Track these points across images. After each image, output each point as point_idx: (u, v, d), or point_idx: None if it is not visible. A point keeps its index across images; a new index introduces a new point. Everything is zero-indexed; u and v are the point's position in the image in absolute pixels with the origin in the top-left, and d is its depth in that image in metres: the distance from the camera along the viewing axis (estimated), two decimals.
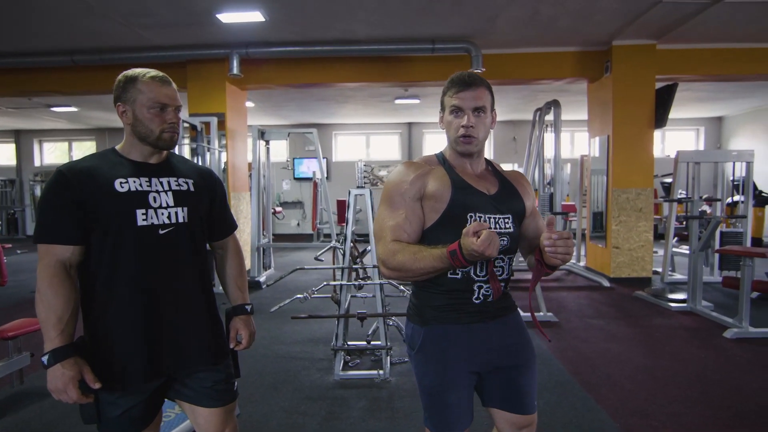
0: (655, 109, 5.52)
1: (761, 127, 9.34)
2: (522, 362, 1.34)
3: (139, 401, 1.25)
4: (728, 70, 5.63)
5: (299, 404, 2.66)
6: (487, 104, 1.27)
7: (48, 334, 1.14)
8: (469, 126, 1.26)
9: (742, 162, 5.41)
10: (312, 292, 3.05)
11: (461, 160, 1.34)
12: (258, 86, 6.29)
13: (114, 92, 1.29)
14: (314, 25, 4.90)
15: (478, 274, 1.26)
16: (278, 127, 10.80)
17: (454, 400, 1.28)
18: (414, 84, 6.48)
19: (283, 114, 9.83)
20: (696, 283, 4.34)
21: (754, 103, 9.00)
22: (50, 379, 1.14)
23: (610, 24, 4.91)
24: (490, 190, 1.32)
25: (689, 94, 7.68)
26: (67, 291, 1.17)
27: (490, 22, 4.84)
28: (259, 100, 8.24)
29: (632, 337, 3.72)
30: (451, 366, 1.28)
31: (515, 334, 1.35)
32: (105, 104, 8.50)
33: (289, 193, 11.24)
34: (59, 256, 1.18)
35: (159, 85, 1.27)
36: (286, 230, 11.01)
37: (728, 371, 3.03)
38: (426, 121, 10.89)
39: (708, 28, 4.96)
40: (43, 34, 5.01)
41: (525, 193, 1.39)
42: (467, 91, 1.25)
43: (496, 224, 1.27)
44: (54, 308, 1.15)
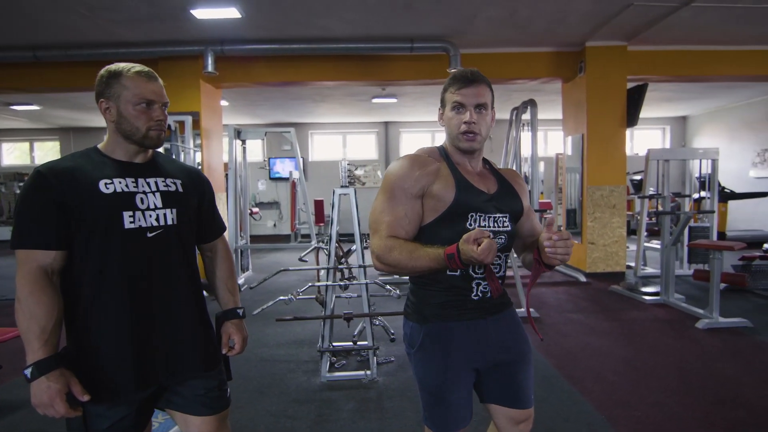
0: (627, 109, 5.70)
1: (722, 126, 9.78)
2: (519, 357, 1.36)
3: (128, 412, 1.20)
4: (694, 71, 5.87)
5: (287, 408, 2.61)
6: (488, 101, 1.27)
7: (31, 346, 1.07)
8: (472, 122, 1.25)
9: (708, 159, 5.64)
10: (297, 294, 3.00)
11: (462, 157, 1.33)
12: (233, 84, 6.16)
13: (96, 88, 1.21)
14: (292, 22, 4.83)
15: (476, 272, 1.27)
16: (254, 126, 10.61)
17: (455, 399, 1.28)
18: (392, 83, 6.48)
19: (258, 113, 9.65)
20: (668, 277, 4.50)
21: (716, 103, 9.42)
22: (35, 393, 1.07)
23: (583, 25, 5.04)
24: (490, 189, 1.32)
25: (656, 94, 7.96)
26: (49, 299, 1.10)
27: (468, 22, 4.88)
28: (234, 99, 8.07)
29: (611, 330, 3.82)
30: (451, 364, 1.27)
31: (512, 329, 1.36)
32: (70, 102, 8.13)
33: (265, 193, 11.06)
34: (40, 262, 1.11)
35: (145, 81, 1.21)
36: (262, 231, 10.82)
37: (703, 360, 3.15)
38: (403, 120, 10.91)
39: (676, 31, 5.15)
40: (1, 27, 4.75)
41: (521, 192, 1.40)
42: (469, 88, 1.25)
43: (495, 223, 1.28)
44: (36, 317, 1.07)
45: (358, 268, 3.19)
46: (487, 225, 1.27)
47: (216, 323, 1.42)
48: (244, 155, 6.40)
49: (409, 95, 8.00)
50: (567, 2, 4.39)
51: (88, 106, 8.50)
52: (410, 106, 9.10)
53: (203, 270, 1.50)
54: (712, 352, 3.30)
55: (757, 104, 8.85)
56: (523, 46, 5.69)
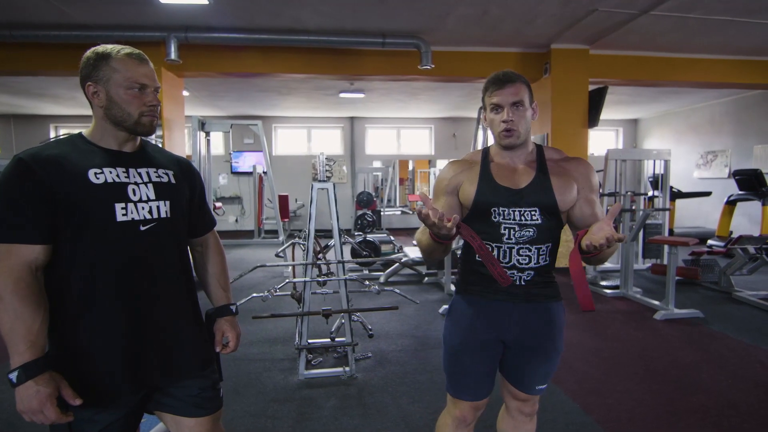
0: (588, 110, 5.94)
1: (670, 129, 10.41)
2: (538, 346, 1.42)
3: (119, 416, 1.13)
4: (649, 76, 6.20)
5: (266, 407, 2.55)
6: (524, 98, 1.34)
7: (16, 348, 0.99)
8: (509, 120, 1.33)
9: (661, 160, 5.98)
10: (275, 291, 2.92)
11: (504, 153, 1.42)
12: (197, 74, 5.90)
13: (82, 71, 1.14)
14: (261, 11, 4.68)
15: (501, 261, 1.37)
16: (216, 118, 10.23)
17: (469, 363, 1.43)
18: (362, 78, 6.43)
19: (220, 105, 9.32)
20: (627, 271, 4.74)
21: (665, 107, 10.01)
22: (21, 399, 0.99)
23: (550, 27, 5.19)
24: (519, 184, 1.38)
25: (612, 97, 8.33)
26: (35, 297, 1.02)
27: (440, 19, 4.91)
28: (195, 89, 7.73)
29: (578, 322, 3.98)
30: (469, 328, 1.43)
31: (542, 322, 1.41)
32: (12, 87, 7.52)
33: (227, 187, 10.72)
34: (23, 257, 1.02)
35: (137, 64, 1.14)
36: (225, 227, 10.48)
37: (663, 349, 3.34)
38: (369, 116, 10.87)
39: (635, 37, 5.41)
40: None
41: (564, 184, 1.37)
42: (504, 89, 1.33)
43: (521, 216, 1.35)
44: (22, 317, 0.99)
45: (337, 263, 3.15)
46: (512, 218, 1.36)
47: (206, 320, 1.36)
48: (208, 148, 6.17)
49: (377, 90, 7.97)
50: (537, 4, 4.51)
51: (34, 92, 7.90)
52: (377, 102, 9.08)
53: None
54: (671, 341, 3.51)
55: (701, 109, 9.48)
56: (493, 45, 5.80)
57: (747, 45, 5.72)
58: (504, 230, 1.37)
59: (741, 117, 8.59)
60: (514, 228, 1.36)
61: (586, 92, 5.93)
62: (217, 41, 5.26)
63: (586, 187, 1.39)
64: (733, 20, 4.80)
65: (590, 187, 1.40)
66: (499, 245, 1.37)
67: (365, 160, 10.94)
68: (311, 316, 3.04)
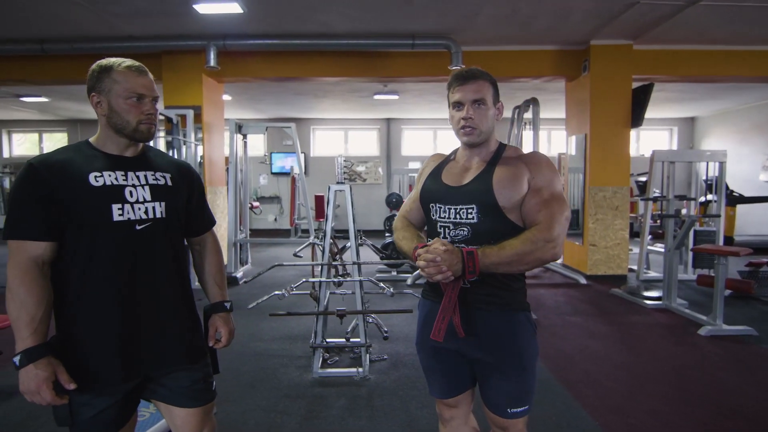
0: (632, 109, 5.62)
1: (731, 128, 9.63)
2: (492, 361, 1.32)
3: (113, 402, 1.21)
4: (702, 71, 5.76)
5: (277, 403, 2.60)
6: (487, 96, 1.31)
7: (20, 334, 1.10)
8: (468, 117, 1.31)
9: (716, 162, 5.54)
10: (291, 289, 2.98)
11: (466, 152, 1.40)
12: (235, 79, 6.14)
13: (87, 82, 1.24)
14: (292, 17, 4.80)
15: None
16: (255, 120, 10.59)
17: (427, 362, 1.46)
18: (393, 80, 6.44)
19: (260, 108, 9.65)
20: (671, 281, 4.43)
21: (725, 105, 9.27)
22: (22, 381, 1.09)
23: (587, 24, 4.96)
24: (462, 181, 1.35)
25: (663, 94, 7.85)
26: (39, 289, 1.13)
27: (470, 19, 4.82)
28: (236, 93, 8.06)
29: (610, 334, 3.76)
30: (421, 331, 1.44)
31: (491, 333, 1.31)
32: (77, 95, 8.18)
33: (267, 188, 11.07)
34: (31, 252, 1.14)
35: (135, 75, 1.22)
36: (263, 225, 10.83)
37: (704, 368, 3.08)
38: (405, 117, 10.86)
39: (683, 30, 5.05)
40: (10, 20, 4.77)
41: (509, 179, 1.28)
42: (465, 85, 1.31)
43: (456, 215, 1.32)
44: (26, 307, 1.10)
45: (353, 264, 3.16)
46: (447, 216, 1.34)
47: (204, 316, 1.43)
48: (245, 149, 6.39)
49: (411, 92, 7.95)
50: (569, 0, 4.32)
51: None
52: (412, 103, 9.05)
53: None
54: (714, 360, 3.23)
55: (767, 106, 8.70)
56: (526, 44, 5.62)
57: None
58: (440, 228, 1.34)
59: None
60: (448, 226, 1.33)
61: (628, 90, 5.60)
62: (252, 47, 5.45)
63: (535, 176, 1.28)
64: None
65: (540, 177, 1.28)
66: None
67: (401, 161, 10.93)
68: (328, 315, 3.07)
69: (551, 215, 1.25)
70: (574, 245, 6.19)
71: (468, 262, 1.19)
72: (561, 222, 1.24)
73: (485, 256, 1.20)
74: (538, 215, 1.26)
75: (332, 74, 5.94)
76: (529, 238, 1.22)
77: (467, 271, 1.19)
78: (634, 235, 7.31)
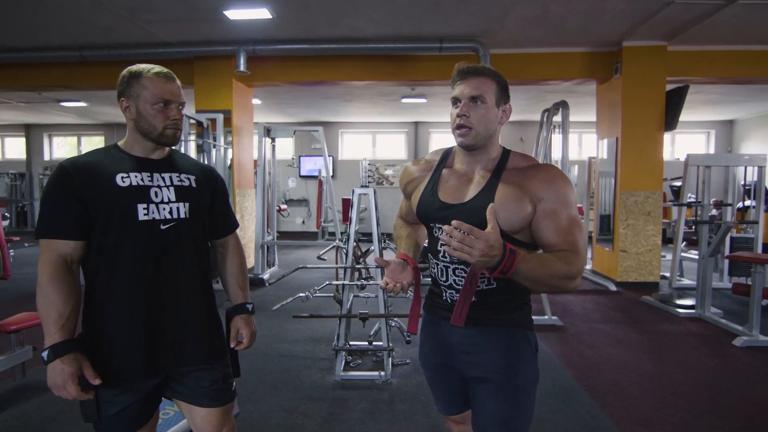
0: (666, 112, 5.44)
1: None
2: (484, 376, 1.22)
3: (135, 399, 1.25)
4: (740, 72, 5.53)
5: (299, 404, 2.64)
6: (487, 94, 1.18)
7: (48, 330, 1.14)
8: (462, 114, 1.18)
9: (754, 166, 5.31)
10: (314, 292, 3.03)
11: (461, 155, 1.29)
12: (265, 83, 6.28)
13: (118, 87, 1.29)
14: (320, 22, 4.87)
15: (440, 279, 1.27)
16: (284, 124, 10.79)
17: (429, 377, 1.40)
18: (421, 83, 6.43)
19: (289, 111, 9.82)
20: (705, 289, 4.26)
21: (766, 107, 8.85)
22: (50, 375, 1.13)
23: (619, 24, 4.84)
24: (463, 197, 1.21)
25: (700, 96, 7.57)
26: (67, 287, 1.17)
27: (498, 22, 4.78)
28: (266, 98, 8.23)
29: (639, 343, 3.65)
30: (422, 346, 1.39)
31: (490, 348, 1.21)
32: (113, 100, 8.37)
33: (295, 190, 11.24)
34: (60, 251, 1.18)
35: (163, 81, 1.26)
36: (291, 228, 11.01)
37: (738, 380, 2.96)
38: (432, 121, 10.84)
39: (720, 30, 4.87)
40: (51, 28, 5.03)
41: (513, 198, 1.15)
42: (465, 80, 1.20)
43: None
44: (54, 304, 1.14)
45: (376, 268, 3.19)
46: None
47: (226, 318, 1.45)
48: (273, 153, 6.52)
49: (439, 95, 7.93)
50: (602, 0, 4.23)
51: None
52: (440, 107, 9.02)
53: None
54: (749, 372, 3.10)
55: None
56: (556, 45, 5.53)
57: None
58: (440, 247, 1.20)
59: None
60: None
61: (662, 92, 5.43)
62: (281, 52, 5.56)
63: (546, 197, 1.13)
64: None
65: (552, 196, 1.14)
66: (437, 262, 1.26)
67: None
68: (352, 318, 3.11)
69: (575, 245, 1.11)
70: (603, 251, 6.04)
71: (507, 261, 1.00)
72: (584, 252, 1.14)
73: (524, 261, 1.03)
74: (556, 242, 1.12)
75: (360, 78, 6.00)
76: (568, 270, 1.07)
77: (499, 270, 1.01)
78: (667, 241, 7.06)
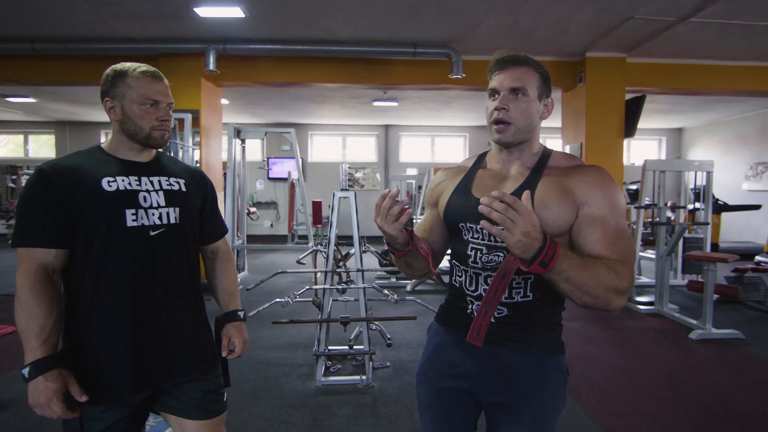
0: (625, 119, 5.75)
1: (716, 139, 9.89)
2: (512, 409, 1.09)
3: (123, 415, 1.18)
4: (691, 84, 5.93)
5: (281, 412, 2.60)
6: (529, 86, 1.06)
7: (29, 345, 1.06)
8: (501, 108, 1.06)
9: (703, 171, 5.69)
10: (294, 297, 2.99)
11: (500, 156, 1.15)
12: (235, 83, 6.13)
13: (101, 87, 1.22)
14: (296, 23, 4.82)
15: (467, 288, 1.13)
16: (253, 125, 10.57)
17: (425, 397, 1.19)
18: (394, 87, 6.48)
19: (258, 112, 9.63)
20: (663, 287, 4.54)
21: (711, 117, 9.52)
22: (32, 393, 1.05)
23: (584, 36, 5.07)
24: None
25: (653, 105, 8.03)
26: (49, 298, 1.09)
27: (471, 29, 4.90)
28: (234, 98, 8.04)
29: (606, 339, 3.84)
30: (431, 360, 1.20)
31: (519, 374, 1.09)
32: (67, 96, 8.07)
33: (263, 193, 11.03)
34: (41, 260, 1.10)
35: (150, 81, 1.21)
36: (259, 231, 10.78)
37: (696, 371, 3.18)
38: (403, 124, 10.93)
39: (674, 45, 5.20)
40: (0, 18, 4.71)
41: (556, 198, 1.03)
42: (505, 71, 1.07)
43: (491, 236, 1.06)
44: (35, 316, 1.06)
45: (356, 271, 3.19)
46: (480, 237, 1.09)
47: (215, 326, 1.40)
48: (243, 154, 6.38)
49: (410, 99, 8.01)
50: (569, 13, 4.42)
51: (86, 101, 8.44)
52: (411, 110, 9.12)
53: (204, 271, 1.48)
54: (705, 363, 3.33)
55: (751, 118, 8.96)
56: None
57: None
58: (471, 251, 1.10)
59: None
60: (481, 249, 1.09)
61: (622, 101, 5.73)
62: (253, 52, 5.45)
63: (591, 201, 1.02)
64: None
65: (599, 201, 1.02)
66: (465, 269, 1.12)
67: (399, 167, 10.99)
68: (332, 323, 3.09)
69: (625, 257, 0.99)
70: None
71: (549, 249, 0.88)
72: (634, 268, 1.04)
73: (566, 257, 0.91)
74: (602, 254, 0.99)
75: (333, 80, 5.97)
76: (616, 281, 0.94)
77: (539, 260, 0.88)
78: None
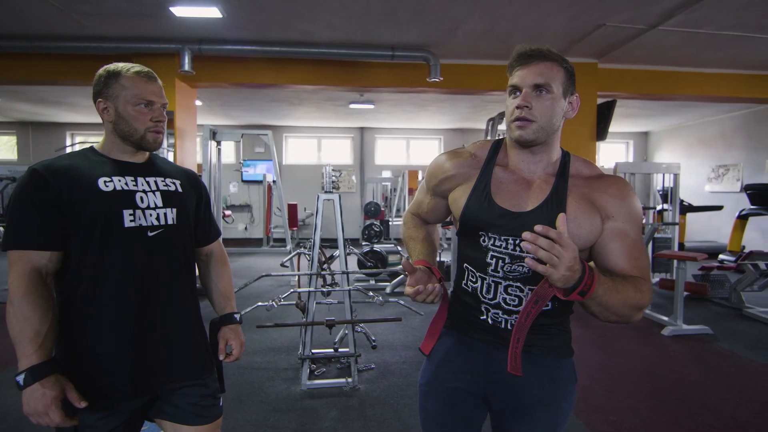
0: (597, 123, 5.94)
1: (680, 142, 10.33)
2: (526, 407, 1.09)
3: (120, 423, 1.16)
4: (657, 89, 6.18)
5: (267, 417, 2.56)
6: (553, 82, 1.01)
7: (24, 351, 1.02)
8: (524, 105, 1.01)
9: (671, 173, 5.94)
10: (279, 300, 2.95)
11: (519, 154, 1.09)
12: (210, 84, 6.01)
13: (94, 87, 1.20)
14: (273, 24, 4.78)
15: (484, 296, 1.09)
16: (228, 127, 10.39)
17: (433, 408, 1.15)
18: (371, 89, 6.49)
19: (232, 114, 9.47)
20: None
21: (675, 121, 9.94)
22: (27, 401, 1.01)
23: (558, 42, 5.21)
24: (524, 206, 1.05)
25: (621, 110, 8.32)
26: (44, 302, 1.06)
27: (449, 33, 4.96)
28: (208, 99, 7.88)
29: (585, 336, 3.95)
30: (439, 367, 1.16)
31: (535, 379, 1.08)
32: (31, 96, 7.73)
33: (237, 196, 10.84)
34: (34, 263, 1.07)
35: (144, 81, 1.19)
36: (233, 234, 10.59)
37: (670, 366, 3.30)
38: (379, 126, 10.96)
39: (642, 51, 5.41)
40: None
41: (584, 213, 1.02)
42: (527, 66, 1.02)
43: (515, 247, 1.04)
44: (30, 321, 1.03)
45: (341, 274, 3.17)
46: (503, 247, 1.05)
47: (210, 329, 1.38)
48: (218, 157, 6.26)
49: (387, 101, 8.05)
50: (544, 19, 4.55)
51: (50, 100, 8.11)
52: (387, 113, 9.15)
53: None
54: (678, 358, 3.46)
55: (712, 123, 9.40)
56: (501, 59, 5.83)
57: (757, 59, 5.68)
58: (491, 259, 1.06)
59: (752, 131, 8.50)
60: (503, 259, 1.05)
61: (594, 106, 5.92)
62: (229, 53, 5.36)
63: (616, 215, 1.01)
64: (743, 35, 4.78)
65: (623, 214, 1.02)
66: (483, 276, 1.08)
67: (374, 170, 11.01)
68: (315, 326, 3.06)
69: (645, 272, 1.00)
70: None
71: (588, 278, 0.88)
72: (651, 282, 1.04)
73: (600, 284, 0.91)
74: (625, 268, 1.00)
75: (310, 82, 5.94)
76: (640, 299, 0.96)
77: (579, 290, 0.88)
78: None
